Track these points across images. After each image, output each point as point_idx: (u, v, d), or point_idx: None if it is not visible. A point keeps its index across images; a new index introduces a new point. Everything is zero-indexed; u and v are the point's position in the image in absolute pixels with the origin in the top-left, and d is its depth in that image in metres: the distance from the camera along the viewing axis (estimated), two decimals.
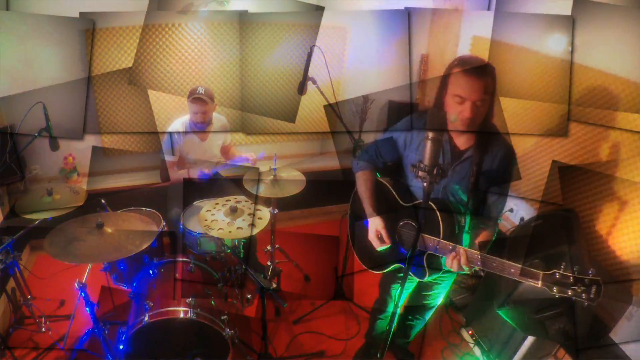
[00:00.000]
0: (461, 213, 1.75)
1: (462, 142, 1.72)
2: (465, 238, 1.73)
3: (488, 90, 1.57)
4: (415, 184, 1.83)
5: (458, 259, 1.58)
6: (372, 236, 1.83)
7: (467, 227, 1.75)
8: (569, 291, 1.37)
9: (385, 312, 2.21)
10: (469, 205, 1.74)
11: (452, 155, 1.73)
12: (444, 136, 1.68)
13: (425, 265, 1.75)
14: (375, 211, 1.85)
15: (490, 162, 1.69)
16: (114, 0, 2.78)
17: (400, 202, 1.85)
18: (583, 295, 1.35)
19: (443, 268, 1.73)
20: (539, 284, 1.42)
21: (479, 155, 1.67)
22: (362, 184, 1.93)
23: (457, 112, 1.59)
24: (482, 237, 1.70)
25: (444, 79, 1.63)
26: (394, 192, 1.88)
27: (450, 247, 1.62)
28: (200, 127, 2.70)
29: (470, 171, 1.69)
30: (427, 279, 1.81)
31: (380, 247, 1.82)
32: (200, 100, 2.57)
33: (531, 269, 1.44)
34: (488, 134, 1.69)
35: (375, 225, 1.82)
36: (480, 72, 1.55)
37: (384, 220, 1.82)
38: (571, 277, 1.37)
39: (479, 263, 1.56)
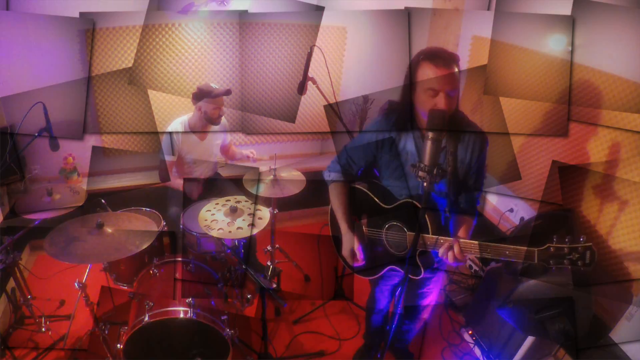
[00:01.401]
0: (444, 205, 1.76)
1: None
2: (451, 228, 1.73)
3: (457, 79, 1.57)
4: (396, 184, 1.79)
5: (452, 250, 1.56)
6: (346, 254, 1.79)
7: (450, 217, 1.76)
8: (565, 261, 1.36)
9: (378, 308, 2.20)
10: (449, 196, 1.74)
11: None
12: (417, 133, 1.69)
13: (420, 263, 1.74)
14: (350, 227, 1.81)
15: (465, 149, 1.70)
16: (114, 0, 2.77)
17: (382, 205, 1.81)
18: (579, 262, 1.35)
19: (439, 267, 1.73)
20: (535, 261, 1.41)
21: (453, 144, 1.67)
22: (336, 198, 1.87)
23: (431, 105, 1.57)
24: (464, 223, 1.71)
25: (412, 76, 1.63)
26: (373, 196, 1.84)
27: (442, 241, 1.61)
28: (217, 122, 2.72)
29: (447, 162, 1.68)
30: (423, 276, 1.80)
31: (355, 265, 1.79)
32: (222, 94, 2.62)
33: (526, 248, 1.44)
34: (457, 122, 1.69)
35: (350, 243, 1.78)
36: (449, 61, 1.56)
37: (358, 238, 1.79)
38: (565, 248, 1.36)
39: (473, 251, 1.54)
